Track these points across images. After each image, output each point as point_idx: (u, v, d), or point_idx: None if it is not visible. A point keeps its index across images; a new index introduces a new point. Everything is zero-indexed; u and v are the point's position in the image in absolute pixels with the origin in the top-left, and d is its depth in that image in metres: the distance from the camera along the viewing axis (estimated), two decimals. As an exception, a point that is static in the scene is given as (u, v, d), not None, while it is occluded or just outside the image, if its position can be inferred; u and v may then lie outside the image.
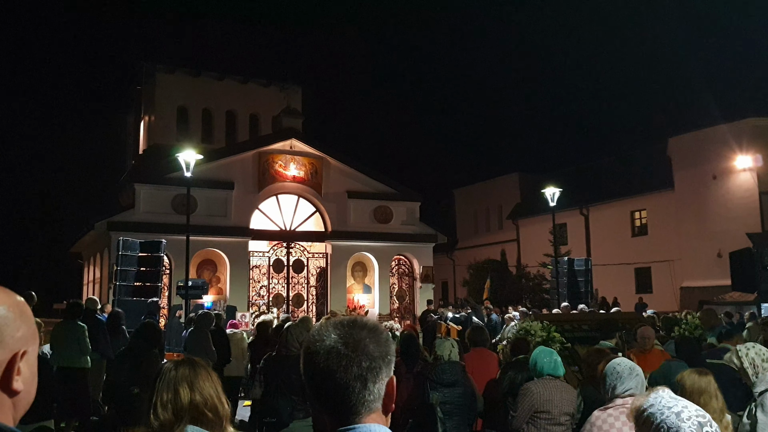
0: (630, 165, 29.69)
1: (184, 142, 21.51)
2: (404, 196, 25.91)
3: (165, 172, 21.63)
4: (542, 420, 5.00)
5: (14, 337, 1.24)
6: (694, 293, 23.59)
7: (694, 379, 3.68)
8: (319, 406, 1.48)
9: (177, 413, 2.30)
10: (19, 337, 1.25)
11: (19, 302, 1.30)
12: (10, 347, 1.23)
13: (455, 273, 37.46)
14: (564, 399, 5.04)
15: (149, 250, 15.63)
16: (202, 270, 22.42)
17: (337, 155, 25.01)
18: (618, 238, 29.22)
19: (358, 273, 25.41)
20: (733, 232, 21.87)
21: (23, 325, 1.27)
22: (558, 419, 5.00)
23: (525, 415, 5.03)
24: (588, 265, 20.49)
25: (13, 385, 1.23)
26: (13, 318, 1.25)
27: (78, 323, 9.17)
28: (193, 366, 2.44)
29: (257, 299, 23.28)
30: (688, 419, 1.89)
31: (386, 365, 1.48)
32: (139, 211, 21.24)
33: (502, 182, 36.99)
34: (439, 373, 5.60)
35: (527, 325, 9.37)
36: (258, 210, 23.56)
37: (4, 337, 1.23)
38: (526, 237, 34.18)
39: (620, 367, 3.58)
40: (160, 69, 31.07)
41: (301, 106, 30.78)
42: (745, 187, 24.29)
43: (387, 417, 1.50)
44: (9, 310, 1.26)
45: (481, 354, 7.32)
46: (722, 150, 24.65)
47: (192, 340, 9.84)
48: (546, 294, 26.03)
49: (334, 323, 1.51)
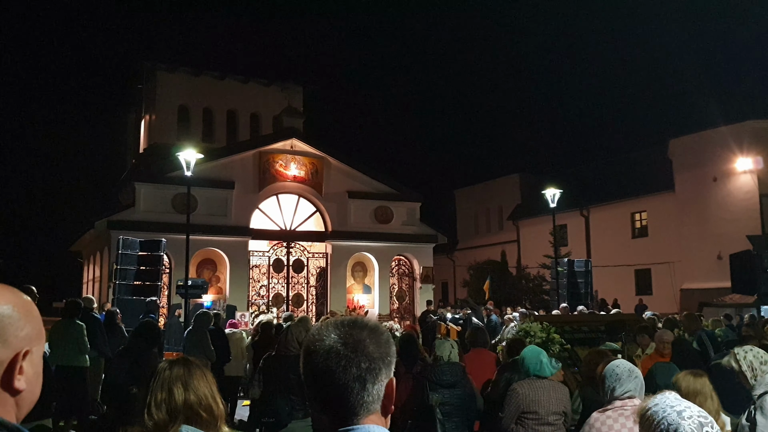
0: (630, 166, 29.69)
1: (185, 141, 21.49)
2: (405, 196, 25.91)
3: (165, 171, 21.63)
4: (530, 420, 4.99)
5: (18, 336, 1.26)
6: (694, 295, 23.58)
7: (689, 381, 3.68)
8: (318, 406, 1.47)
9: (171, 413, 2.30)
10: (23, 336, 1.27)
11: (26, 302, 1.32)
12: (13, 346, 1.25)
13: (455, 274, 37.46)
14: (552, 398, 5.03)
15: (149, 249, 15.63)
16: (202, 269, 22.41)
17: (338, 155, 25.00)
18: (618, 240, 29.22)
19: (358, 273, 25.41)
20: (734, 234, 21.84)
21: (28, 325, 1.28)
22: (546, 419, 4.99)
23: (512, 417, 5.03)
24: (588, 267, 20.48)
25: (15, 384, 1.25)
26: (18, 317, 1.27)
27: (76, 322, 9.17)
28: (187, 365, 2.43)
29: (257, 299, 23.28)
30: (689, 418, 1.91)
31: (386, 366, 1.47)
32: (140, 209, 21.24)
33: (503, 183, 37.01)
34: (439, 374, 5.59)
35: (527, 326, 9.37)
36: (258, 209, 23.56)
37: (7, 336, 1.24)
38: (526, 238, 34.19)
39: (619, 369, 3.57)
40: (161, 68, 31.10)
41: (301, 106, 30.82)
42: (745, 190, 24.29)
43: (386, 418, 1.49)
44: (14, 309, 1.27)
45: (480, 355, 7.33)
46: (723, 152, 24.65)
47: (190, 340, 9.83)
48: (546, 295, 26.03)
49: (335, 323, 1.50)
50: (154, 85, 31.13)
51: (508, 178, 37.02)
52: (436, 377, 5.57)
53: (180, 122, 31.10)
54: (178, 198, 20.51)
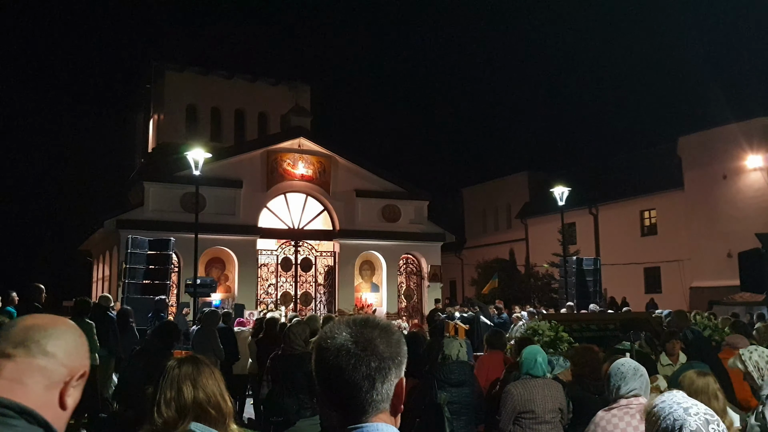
0: (639, 164, 29.56)
1: (193, 141, 21.58)
2: (412, 194, 25.90)
3: (174, 170, 21.72)
4: (527, 420, 4.99)
5: (81, 358, 1.49)
6: (703, 293, 23.46)
7: (693, 380, 3.68)
8: (327, 403, 1.48)
9: (180, 411, 2.32)
10: (84, 361, 1.50)
11: (82, 333, 1.54)
12: (72, 367, 1.45)
13: (463, 272, 37.41)
14: (547, 396, 5.02)
15: (158, 248, 15.70)
16: (210, 268, 22.50)
17: (346, 154, 25.03)
18: (627, 238, 29.11)
19: (366, 272, 25.43)
20: (743, 232, 21.68)
21: (85, 352, 1.51)
22: (543, 417, 4.99)
23: (509, 418, 5.04)
24: (597, 265, 20.42)
25: (67, 402, 1.43)
26: (82, 343, 1.50)
27: (86, 321, 9.20)
28: (196, 364, 2.45)
29: (265, 297, 23.35)
30: (695, 414, 1.92)
31: (396, 366, 1.47)
32: (148, 209, 21.35)
33: (511, 181, 36.91)
34: (447, 373, 5.59)
35: (535, 325, 9.36)
36: (266, 208, 23.63)
37: (73, 357, 1.45)
38: (534, 236, 34.09)
39: (624, 368, 3.57)
40: (170, 68, 31.22)
41: (309, 105, 30.85)
42: (755, 187, 24.14)
43: (396, 418, 1.49)
44: (81, 336, 1.51)
45: (495, 356, 7.32)
46: (732, 149, 24.50)
47: (199, 338, 9.87)
48: (554, 294, 25.96)
49: (347, 321, 1.51)
50: (162, 84, 31.25)
51: (516, 176, 36.92)
52: (444, 376, 5.57)
53: (188, 122, 31.23)
54: (187, 197, 20.59)
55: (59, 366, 1.41)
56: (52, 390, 1.40)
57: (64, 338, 1.44)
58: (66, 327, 1.48)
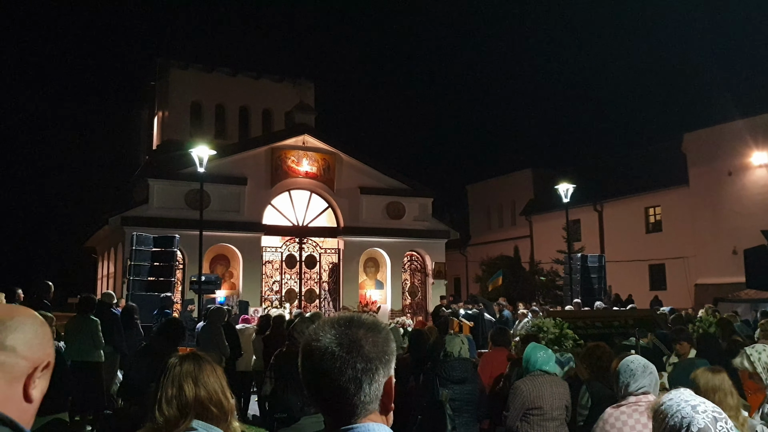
0: (644, 161, 29.45)
1: (198, 138, 21.62)
2: (417, 191, 25.89)
3: (178, 167, 21.74)
4: (535, 416, 4.99)
5: (44, 349, 1.41)
6: (708, 290, 23.39)
7: (708, 377, 3.65)
8: (317, 405, 1.46)
9: (182, 409, 2.30)
10: (48, 351, 1.42)
11: (45, 322, 1.46)
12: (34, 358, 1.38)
13: (468, 269, 37.38)
14: (555, 393, 5.03)
15: (163, 245, 15.73)
16: (215, 265, 22.53)
17: (350, 151, 25.02)
18: (632, 235, 29.02)
19: (371, 269, 25.43)
20: (749, 229, 21.60)
21: (48, 342, 1.42)
22: (551, 414, 4.99)
23: (517, 414, 5.03)
24: (601, 262, 20.37)
25: (31, 393, 1.37)
26: (43, 333, 1.41)
27: (91, 317, 9.22)
28: (197, 361, 2.44)
29: (270, 294, 23.37)
30: (703, 412, 1.91)
31: (384, 365, 1.44)
32: (153, 206, 21.37)
33: (516, 178, 36.84)
34: (449, 370, 5.58)
35: (540, 322, 9.34)
36: (271, 205, 23.64)
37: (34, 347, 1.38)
38: (539, 233, 34.03)
39: (633, 365, 3.55)
40: (174, 65, 31.26)
41: (313, 102, 30.84)
42: (761, 184, 24.03)
43: (388, 416, 1.47)
44: (41, 326, 1.42)
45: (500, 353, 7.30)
46: (738, 146, 24.40)
47: (204, 335, 9.88)
48: (559, 291, 25.92)
49: (332, 321, 1.48)
50: (166, 81, 31.28)
51: (520, 173, 36.84)
52: (446, 373, 5.56)
53: (193, 119, 31.27)
54: (191, 194, 20.63)
55: (19, 359, 1.33)
56: (14, 385, 1.33)
57: (23, 329, 1.36)
58: (25, 317, 1.39)
